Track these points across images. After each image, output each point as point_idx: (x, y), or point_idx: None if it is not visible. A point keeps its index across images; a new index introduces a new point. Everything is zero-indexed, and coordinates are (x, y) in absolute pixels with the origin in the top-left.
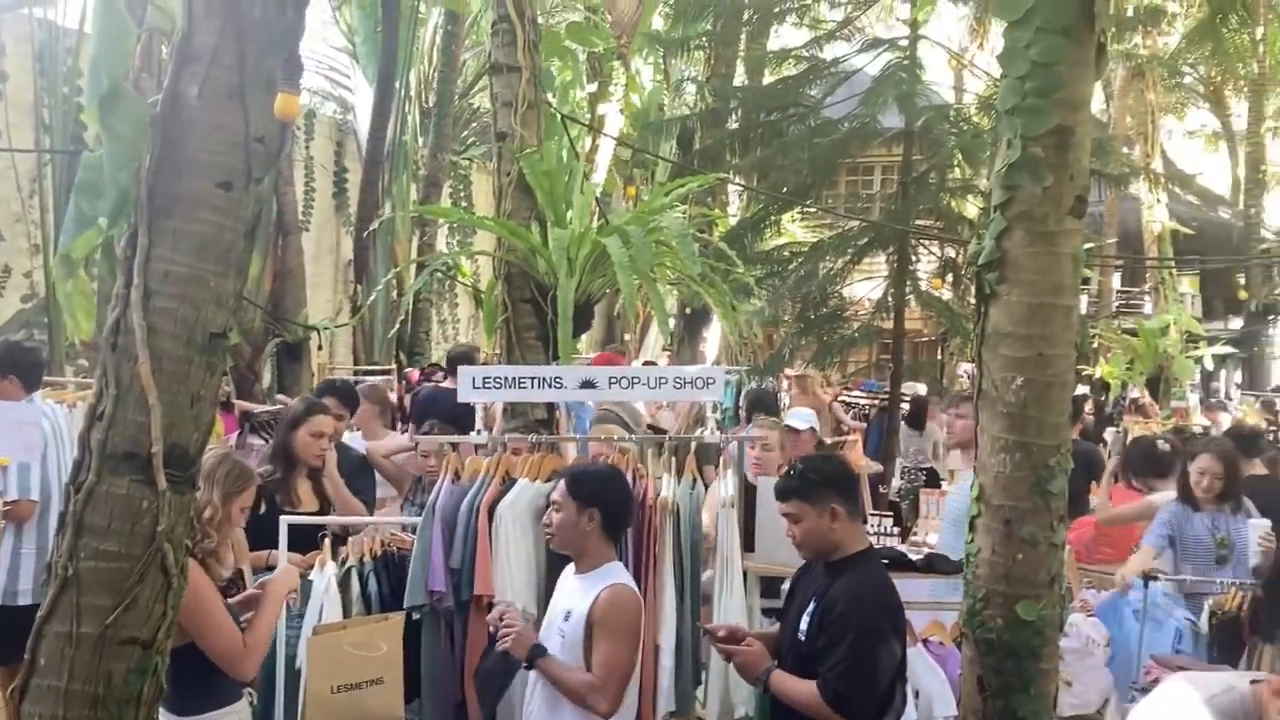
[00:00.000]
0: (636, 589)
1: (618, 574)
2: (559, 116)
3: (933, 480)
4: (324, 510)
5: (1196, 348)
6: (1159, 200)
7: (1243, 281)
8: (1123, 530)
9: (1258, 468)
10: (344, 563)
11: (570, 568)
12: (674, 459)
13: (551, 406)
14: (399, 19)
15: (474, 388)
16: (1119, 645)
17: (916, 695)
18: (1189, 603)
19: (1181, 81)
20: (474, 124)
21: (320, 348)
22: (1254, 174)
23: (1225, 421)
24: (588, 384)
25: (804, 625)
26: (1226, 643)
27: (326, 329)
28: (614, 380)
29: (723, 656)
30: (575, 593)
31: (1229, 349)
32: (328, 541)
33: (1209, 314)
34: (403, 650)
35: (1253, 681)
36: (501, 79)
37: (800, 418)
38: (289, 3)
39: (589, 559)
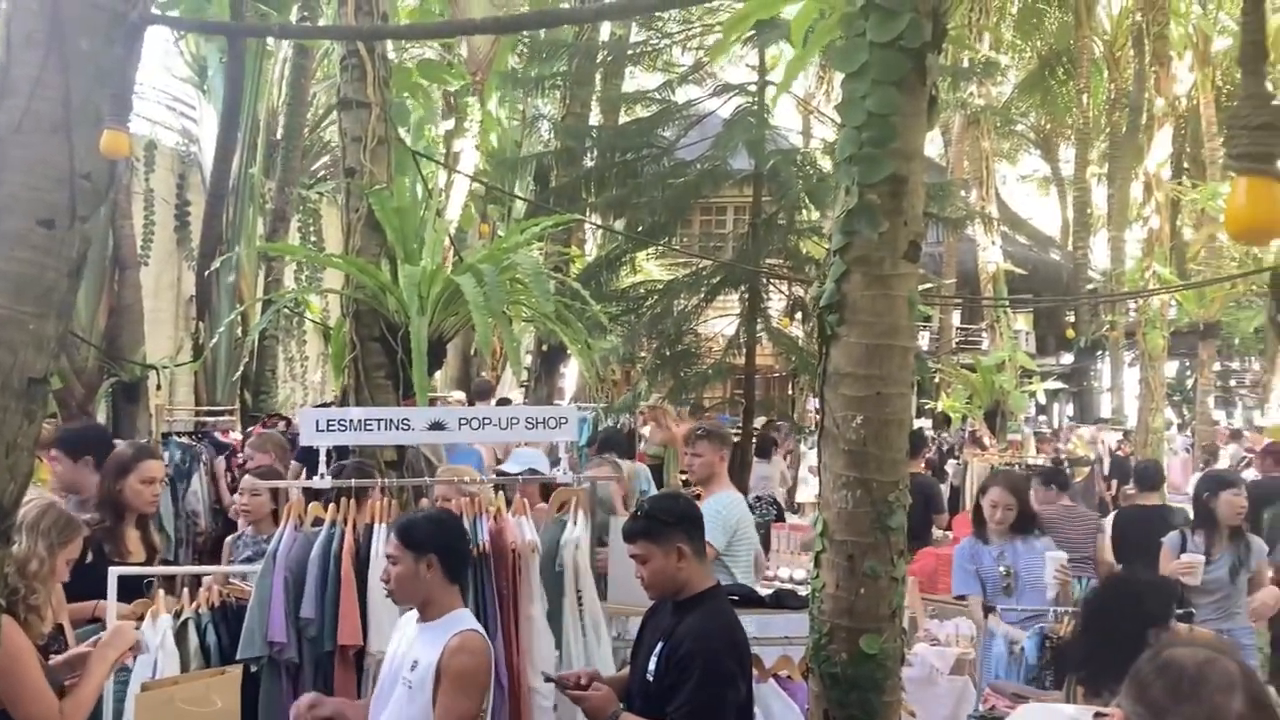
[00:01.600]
0: (485, 635)
1: (466, 620)
2: (411, 153)
3: (780, 514)
4: (151, 560)
5: (1030, 382)
6: (994, 242)
7: (1072, 319)
8: None
9: (1063, 499)
10: (178, 614)
11: (411, 615)
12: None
13: (402, 448)
14: (245, 50)
15: (318, 430)
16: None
17: None
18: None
19: (1014, 129)
20: (324, 157)
21: (159, 388)
22: (1081, 217)
23: (1058, 451)
24: (437, 425)
25: (652, 665)
26: (1061, 670)
27: (166, 368)
28: (464, 421)
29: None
30: (422, 642)
31: (1060, 384)
32: (160, 592)
33: (1041, 350)
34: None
35: (1096, 714)
36: (350, 114)
37: (518, 460)
38: (118, 35)
39: (434, 607)
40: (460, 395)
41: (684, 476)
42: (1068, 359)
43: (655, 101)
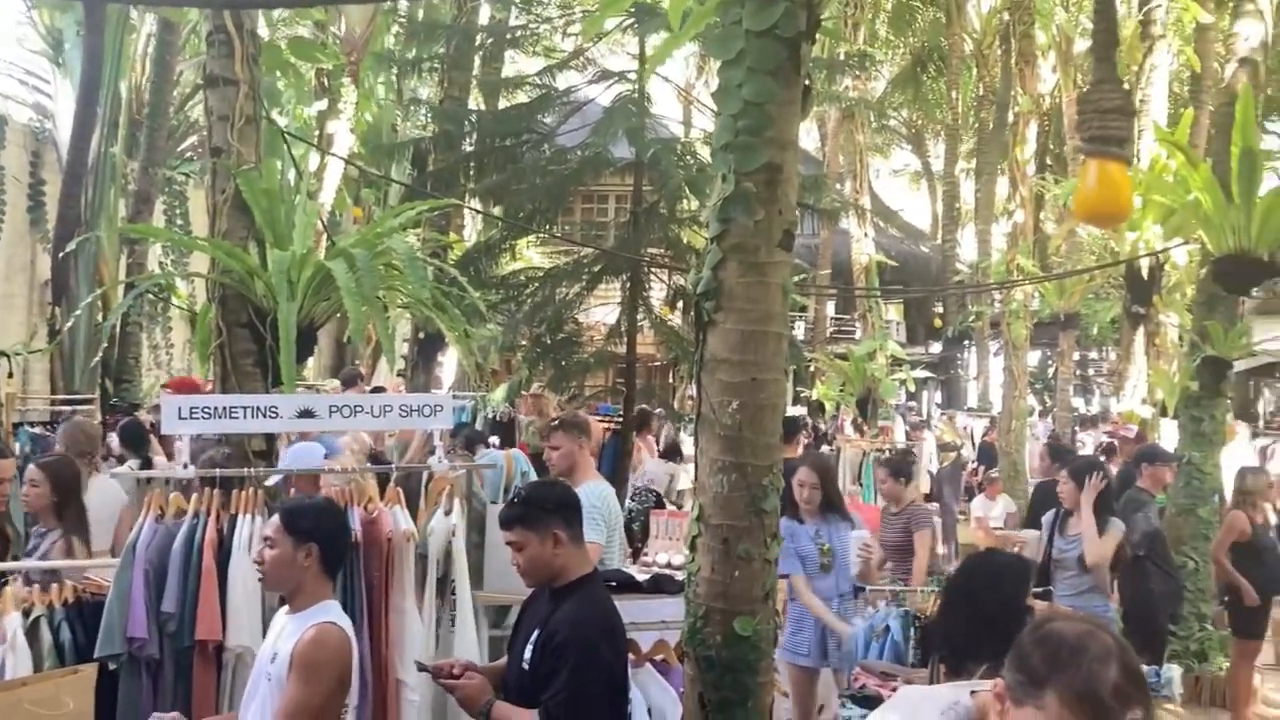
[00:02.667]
0: (348, 629)
1: (330, 613)
2: (281, 133)
3: (659, 501)
4: (4, 556)
5: (900, 370)
6: (867, 234)
7: (940, 310)
8: None
9: (910, 489)
10: (28, 611)
11: (284, 608)
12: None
13: (271, 438)
14: (104, 22)
15: (180, 418)
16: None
17: (650, 713)
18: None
19: (887, 124)
20: (192, 138)
21: (10, 375)
22: (950, 211)
23: (929, 439)
24: (306, 413)
25: (528, 654)
26: (927, 649)
27: (18, 354)
28: (335, 409)
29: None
30: (286, 634)
31: (929, 372)
32: (8, 589)
33: (912, 340)
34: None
35: (973, 692)
36: (217, 92)
37: (295, 456)
38: None
39: (304, 597)
40: (336, 384)
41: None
42: (936, 348)
43: (535, 87)
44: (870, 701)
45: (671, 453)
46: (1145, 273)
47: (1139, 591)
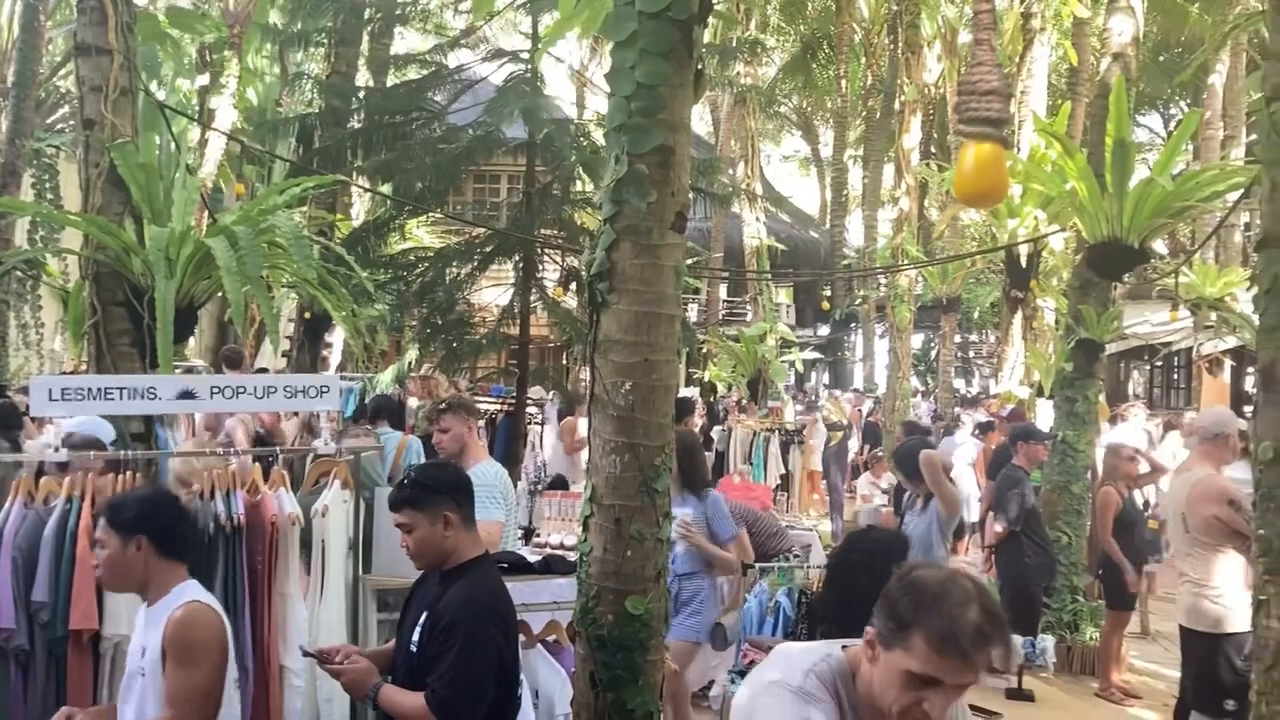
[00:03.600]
0: (215, 605)
1: (190, 592)
2: (160, 106)
3: (559, 483)
4: None
5: (790, 352)
6: (758, 218)
7: (828, 293)
8: None
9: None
10: None
11: (144, 604)
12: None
13: (150, 420)
14: None
15: (52, 399)
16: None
17: (536, 695)
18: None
19: (778, 110)
20: (64, 108)
21: None
22: (838, 197)
23: (819, 418)
24: (186, 394)
25: (416, 636)
26: (812, 624)
27: None
28: (216, 390)
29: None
30: (149, 626)
31: (817, 354)
32: None
33: (801, 322)
34: None
35: (844, 647)
36: (89, 61)
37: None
38: None
39: (155, 588)
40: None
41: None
42: (824, 330)
43: (426, 64)
44: None
45: None
46: (1023, 259)
47: (1015, 565)
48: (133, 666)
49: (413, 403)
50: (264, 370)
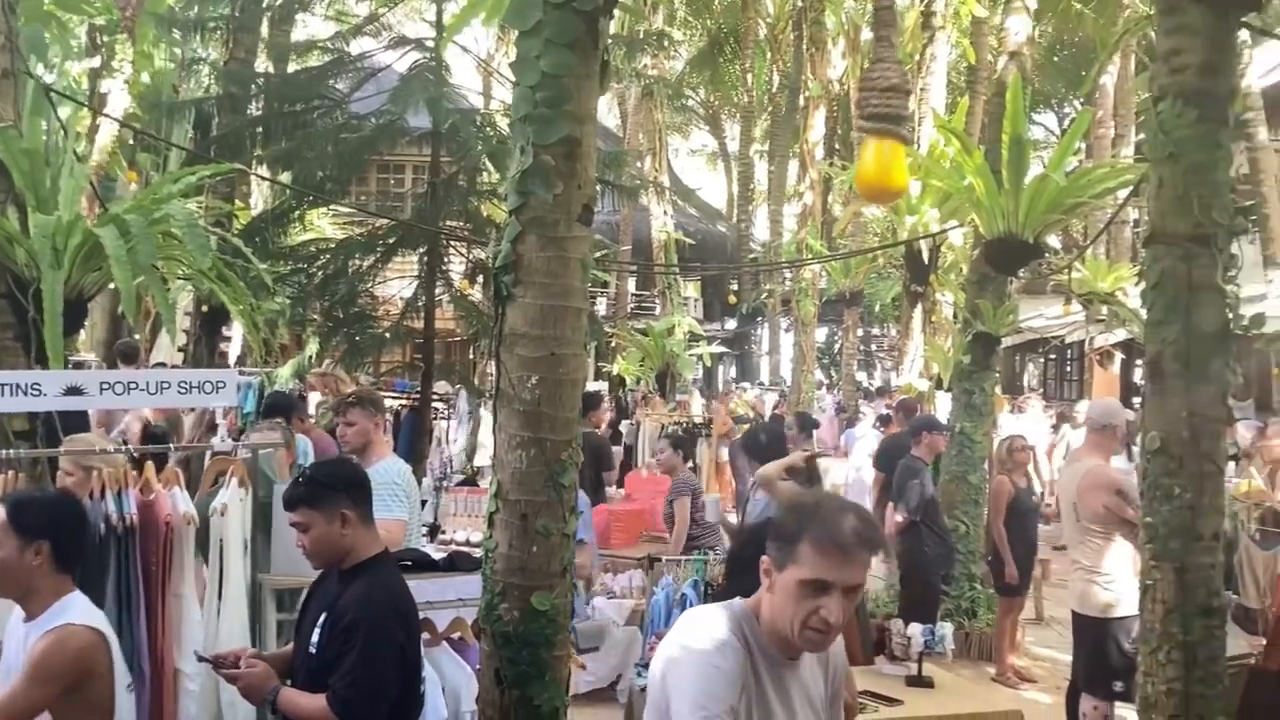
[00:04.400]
0: (99, 624)
1: (70, 611)
2: (46, 90)
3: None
4: None
5: (698, 346)
6: (666, 212)
7: (735, 287)
8: (633, 516)
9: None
10: None
11: (17, 614)
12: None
13: (34, 416)
14: None
15: None
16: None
17: (443, 692)
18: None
19: (686, 104)
20: None
21: None
22: (745, 191)
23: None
24: (74, 390)
25: (315, 637)
26: None
27: None
28: (107, 385)
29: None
30: (25, 645)
31: (724, 348)
32: None
33: (709, 316)
34: None
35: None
36: None
37: None
38: None
39: (39, 599)
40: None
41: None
42: (732, 324)
43: (328, 51)
44: None
45: None
46: (923, 254)
47: (914, 554)
48: (5, 683)
49: (314, 398)
50: (161, 365)
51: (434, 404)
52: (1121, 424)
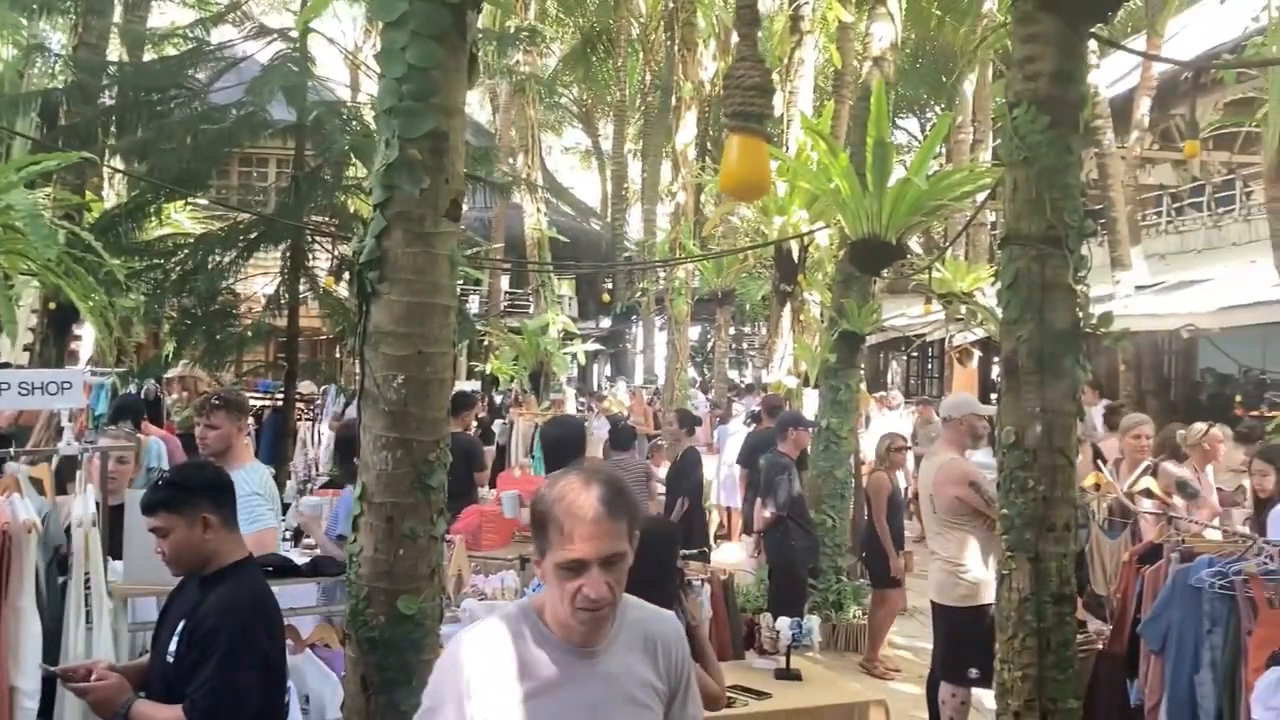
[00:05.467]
0: None
1: None
2: None
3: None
4: None
5: (572, 344)
6: (539, 209)
7: (609, 286)
8: (503, 517)
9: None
10: None
11: None
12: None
13: None
14: None
15: None
16: None
17: (307, 701)
18: None
19: (559, 102)
20: None
21: None
22: (618, 190)
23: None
24: None
25: (173, 646)
26: None
27: None
28: None
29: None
30: None
31: (599, 346)
32: None
33: (583, 314)
34: None
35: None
36: None
37: None
38: None
39: None
40: None
41: None
42: (606, 323)
43: (186, 40)
44: None
45: None
46: (792, 253)
47: (782, 549)
48: None
49: (171, 399)
50: (6, 365)
51: (298, 404)
52: (973, 417)
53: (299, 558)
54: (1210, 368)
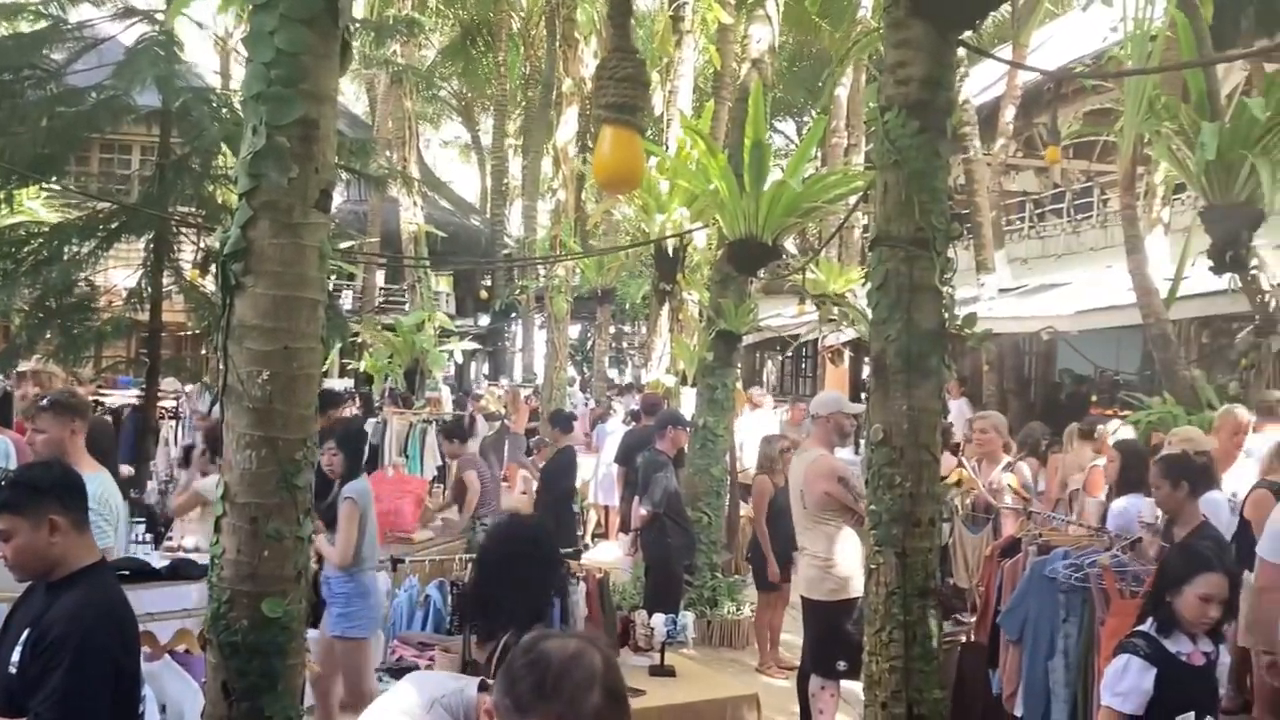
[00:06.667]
0: None
1: None
2: None
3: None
4: None
5: (449, 342)
6: (416, 203)
7: (488, 283)
8: (378, 517)
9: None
10: None
11: None
12: None
13: None
14: None
15: None
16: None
17: (164, 709)
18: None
19: (438, 94)
20: None
21: None
22: (498, 185)
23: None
24: None
25: (16, 656)
26: (463, 617)
27: None
28: None
29: None
30: None
31: (477, 344)
32: None
33: (461, 311)
34: None
35: (481, 686)
36: None
37: None
38: None
39: None
40: None
41: None
42: (485, 320)
43: (41, 16)
44: (406, 673)
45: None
46: (671, 252)
47: (658, 546)
48: None
49: (19, 394)
50: None
51: (160, 402)
52: (841, 414)
53: (158, 560)
54: (1068, 368)
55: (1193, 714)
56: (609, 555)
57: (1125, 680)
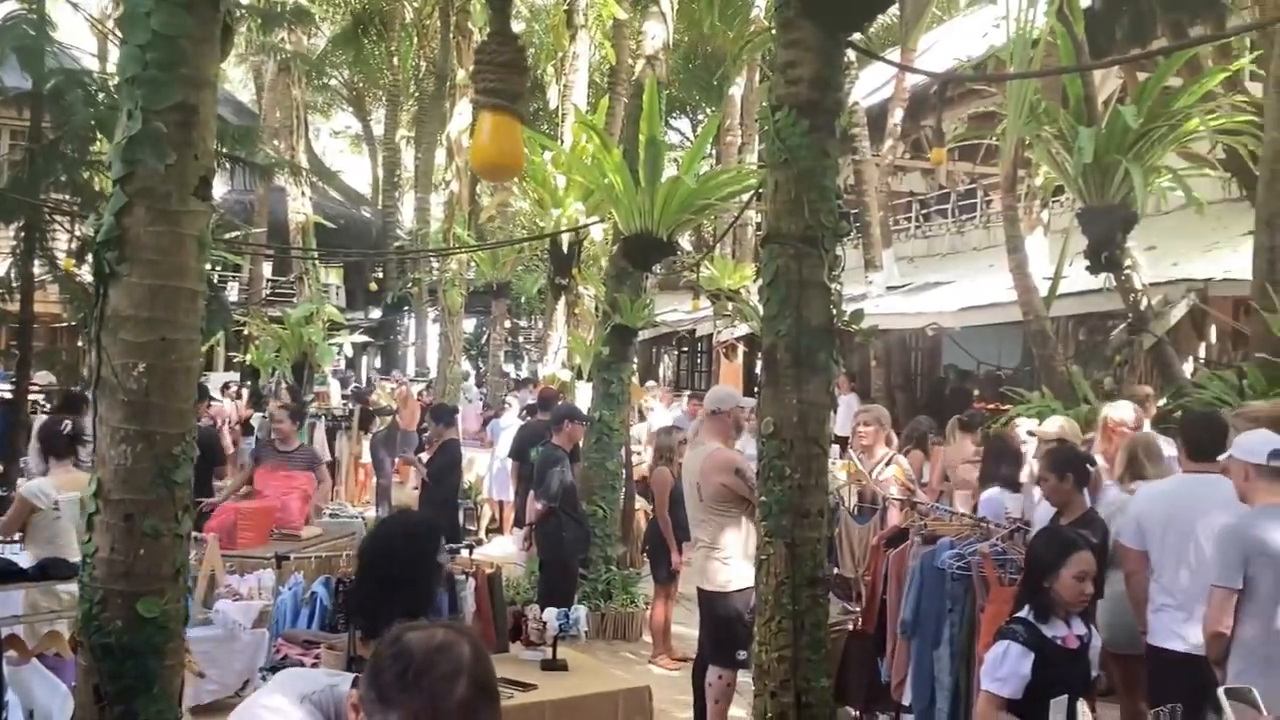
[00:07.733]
0: None
1: None
2: None
3: None
4: None
5: (339, 335)
6: (304, 193)
7: (380, 275)
8: (262, 513)
9: None
10: None
11: None
12: None
13: None
14: None
15: None
16: None
17: (31, 716)
18: None
19: (328, 83)
20: None
21: None
22: (391, 177)
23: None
24: None
25: None
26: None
27: None
28: None
29: None
30: None
31: (368, 337)
32: None
33: (351, 304)
34: None
35: (354, 682)
36: None
37: None
38: None
39: None
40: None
41: None
42: (376, 313)
43: None
44: None
45: None
46: (566, 247)
47: (553, 540)
48: None
49: None
50: None
51: (32, 396)
52: (734, 408)
53: (26, 561)
54: (953, 364)
55: (1065, 696)
56: (503, 550)
57: (1005, 665)
